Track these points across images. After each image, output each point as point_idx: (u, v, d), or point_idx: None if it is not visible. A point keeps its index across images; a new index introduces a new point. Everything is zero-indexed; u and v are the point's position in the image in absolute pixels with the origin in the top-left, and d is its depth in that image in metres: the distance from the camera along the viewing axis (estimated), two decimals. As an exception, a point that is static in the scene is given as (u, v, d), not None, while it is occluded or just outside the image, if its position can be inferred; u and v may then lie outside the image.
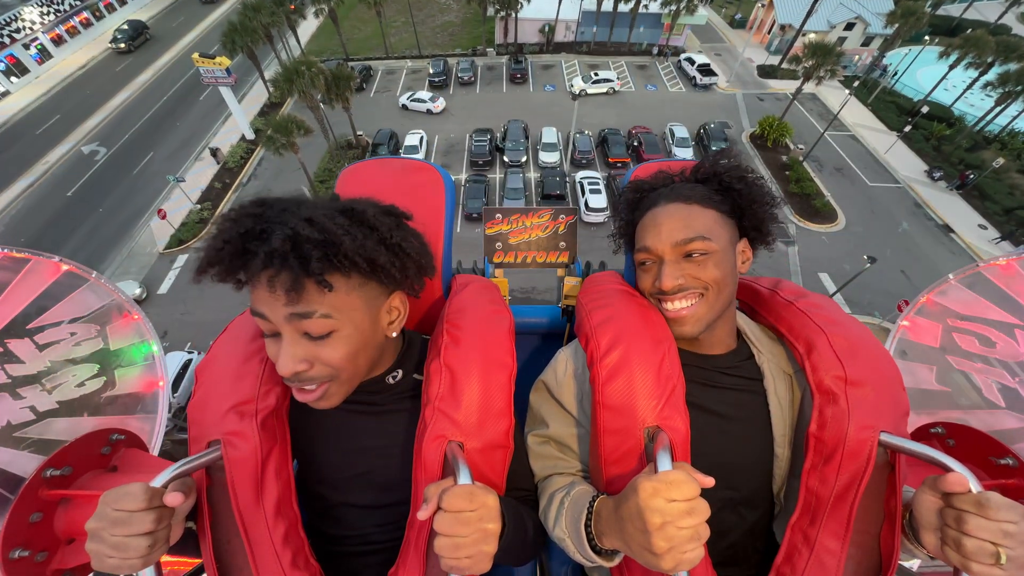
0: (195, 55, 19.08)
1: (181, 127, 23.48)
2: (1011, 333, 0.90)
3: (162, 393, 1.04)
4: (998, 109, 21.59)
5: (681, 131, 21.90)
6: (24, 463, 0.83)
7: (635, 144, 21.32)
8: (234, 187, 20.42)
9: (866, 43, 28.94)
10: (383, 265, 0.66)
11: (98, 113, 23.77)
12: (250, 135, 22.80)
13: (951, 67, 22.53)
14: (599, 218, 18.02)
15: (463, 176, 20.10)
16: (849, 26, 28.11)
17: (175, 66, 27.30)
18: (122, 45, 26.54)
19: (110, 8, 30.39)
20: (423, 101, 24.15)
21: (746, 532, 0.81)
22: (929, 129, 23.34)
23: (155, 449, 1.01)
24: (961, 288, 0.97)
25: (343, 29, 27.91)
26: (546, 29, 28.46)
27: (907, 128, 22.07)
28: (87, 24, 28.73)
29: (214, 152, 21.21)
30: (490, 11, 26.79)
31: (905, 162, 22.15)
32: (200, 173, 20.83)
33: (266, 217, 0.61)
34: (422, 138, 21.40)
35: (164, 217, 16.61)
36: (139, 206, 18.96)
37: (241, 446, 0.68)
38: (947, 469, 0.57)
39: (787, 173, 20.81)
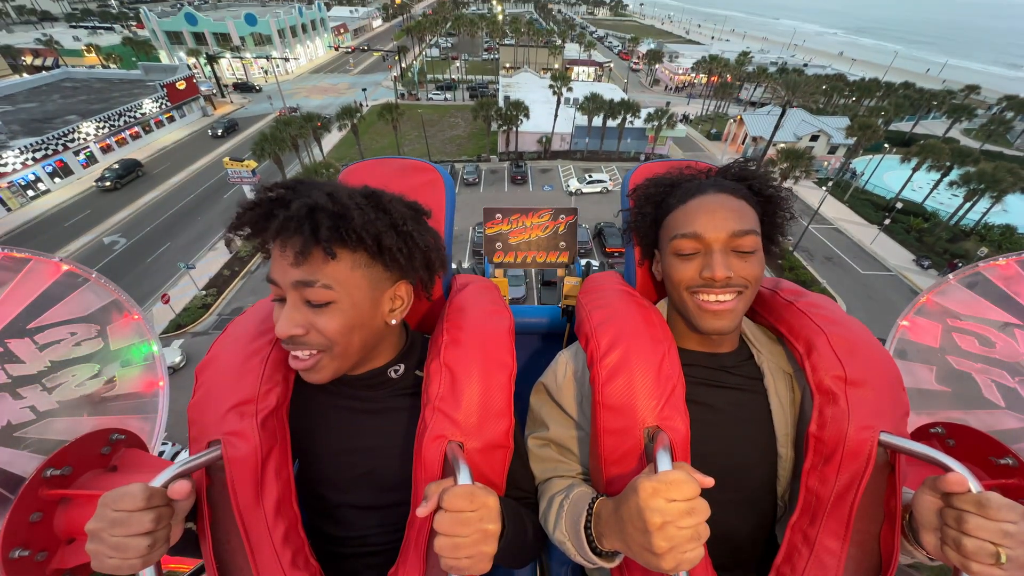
0: (226, 159, 21.18)
1: (200, 222, 24.96)
2: (1011, 333, 0.89)
3: (162, 393, 1.04)
4: (968, 205, 23.10)
5: (673, 224, 23.18)
6: (24, 463, 0.83)
7: (630, 236, 22.40)
8: (242, 274, 20.95)
9: (832, 151, 32.19)
10: (389, 247, 0.67)
11: (126, 208, 25.50)
12: (265, 228, 24.15)
13: (914, 170, 24.72)
14: (600, 304, 18.09)
15: (465, 264, 20.73)
16: (814, 138, 31.54)
17: (206, 170, 30.12)
18: (108, 184, 26.32)
19: (159, 124, 34.59)
20: None
21: (748, 533, 0.80)
22: (907, 222, 24.73)
23: (155, 449, 1.00)
24: (961, 288, 0.96)
25: (362, 140, 31.35)
26: (543, 140, 31.93)
27: (886, 221, 23.35)
28: (136, 136, 32.39)
29: (228, 242, 22.21)
30: (493, 127, 30.34)
31: (891, 252, 23.01)
32: (211, 262, 21.56)
33: (298, 190, 0.65)
34: (427, 230, 22.55)
35: (167, 302, 16.73)
36: (145, 291, 19.25)
37: (241, 446, 0.68)
38: (947, 469, 0.57)
39: (780, 262, 21.47)
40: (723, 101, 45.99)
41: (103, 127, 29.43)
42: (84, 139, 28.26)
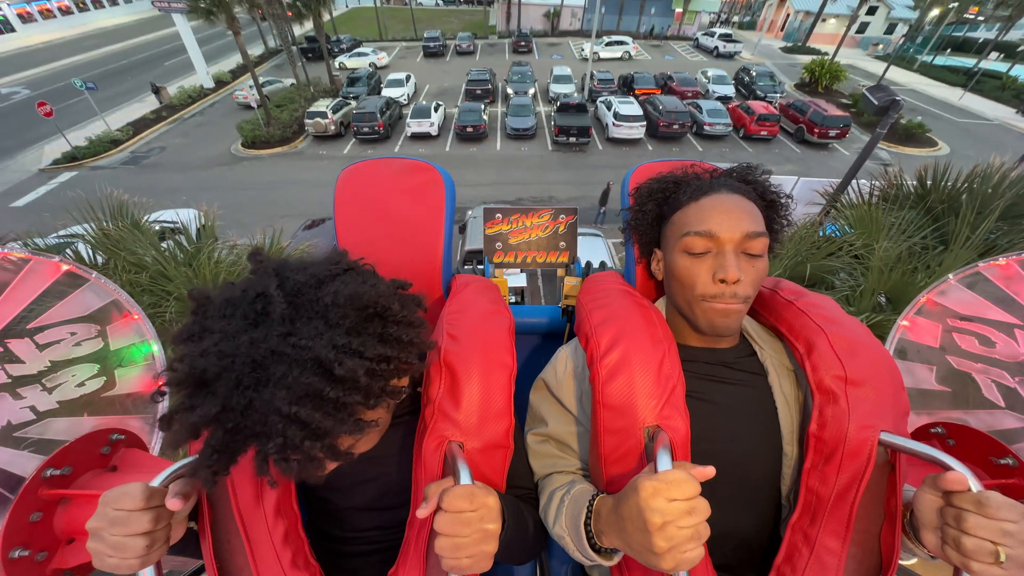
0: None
1: (131, 80, 20.30)
2: (1011, 333, 0.89)
3: None
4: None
5: (717, 71, 18.66)
6: (24, 463, 0.84)
7: (665, 82, 17.95)
8: (171, 119, 16.46)
9: (889, 31, 27.48)
10: (393, 370, 0.61)
11: (39, 67, 20.77)
12: (209, 84, 19.54)
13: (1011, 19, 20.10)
14: (632, 131, 13.75)
15: (456, 108, 16.29)
16: (872, 10, 26.74)
17: (149, 43, 25.21)
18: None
19: (97, 4, 29.43)
20: (364, 55, 21.35)
21: (751, 532, 0.79)
22: (999, 82, 20.29)
23: (155, 449, 0.99)
24: (961, 288, 0.96)
25: (340, 30, 26.51)
26: (551, 13, 27.05)
27: (980, 70, 18.83)
28: (67, 12, 27.33)
29: (156, 90, 17.59)
30: (493, 18, 25.26)
31: (987, 107, 18.64)
32: (134, 111, 17.02)
33: (233, 407, 0.50)
34: (408, 76, 18.06)
35: (50, 115, 12.25)
36: (39, 135, 14.87)
37: None
38: (947, 468, 0.57)
39: (852, 110, 17.11)
40: (747, 11, 40.84)
41: (19, -13, 24.36)
42: (-6, -3, 23.28)
